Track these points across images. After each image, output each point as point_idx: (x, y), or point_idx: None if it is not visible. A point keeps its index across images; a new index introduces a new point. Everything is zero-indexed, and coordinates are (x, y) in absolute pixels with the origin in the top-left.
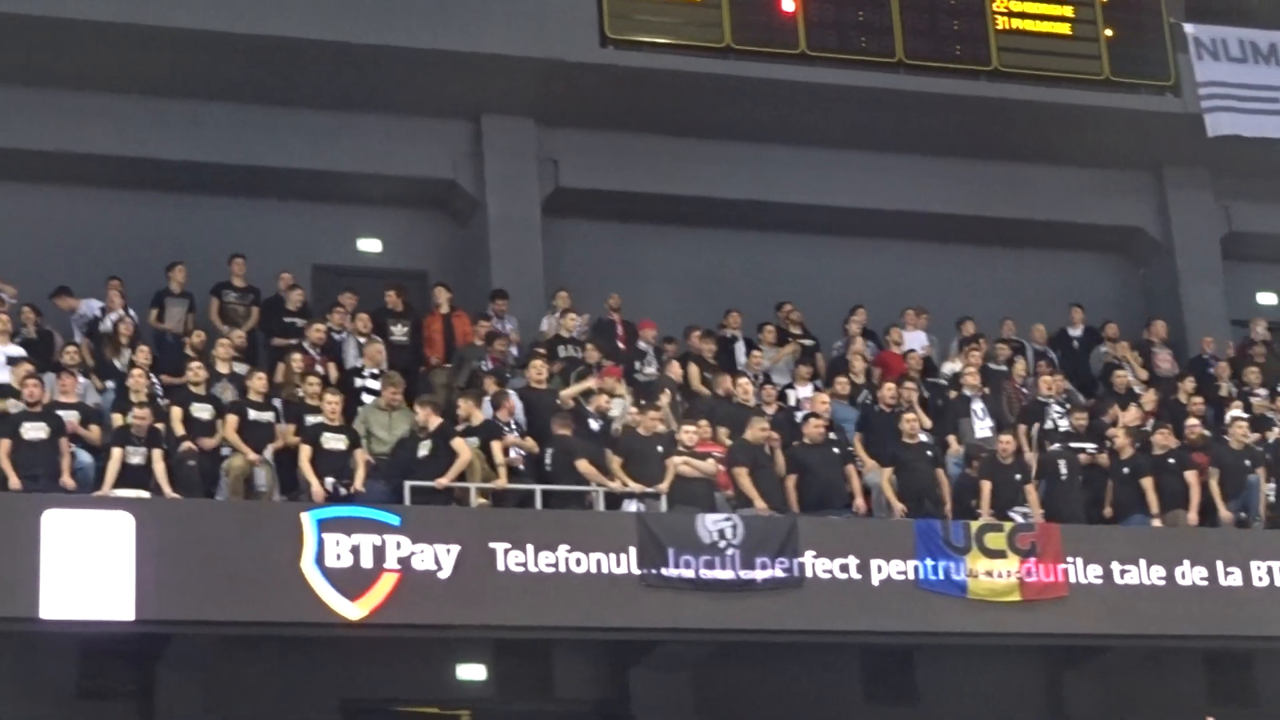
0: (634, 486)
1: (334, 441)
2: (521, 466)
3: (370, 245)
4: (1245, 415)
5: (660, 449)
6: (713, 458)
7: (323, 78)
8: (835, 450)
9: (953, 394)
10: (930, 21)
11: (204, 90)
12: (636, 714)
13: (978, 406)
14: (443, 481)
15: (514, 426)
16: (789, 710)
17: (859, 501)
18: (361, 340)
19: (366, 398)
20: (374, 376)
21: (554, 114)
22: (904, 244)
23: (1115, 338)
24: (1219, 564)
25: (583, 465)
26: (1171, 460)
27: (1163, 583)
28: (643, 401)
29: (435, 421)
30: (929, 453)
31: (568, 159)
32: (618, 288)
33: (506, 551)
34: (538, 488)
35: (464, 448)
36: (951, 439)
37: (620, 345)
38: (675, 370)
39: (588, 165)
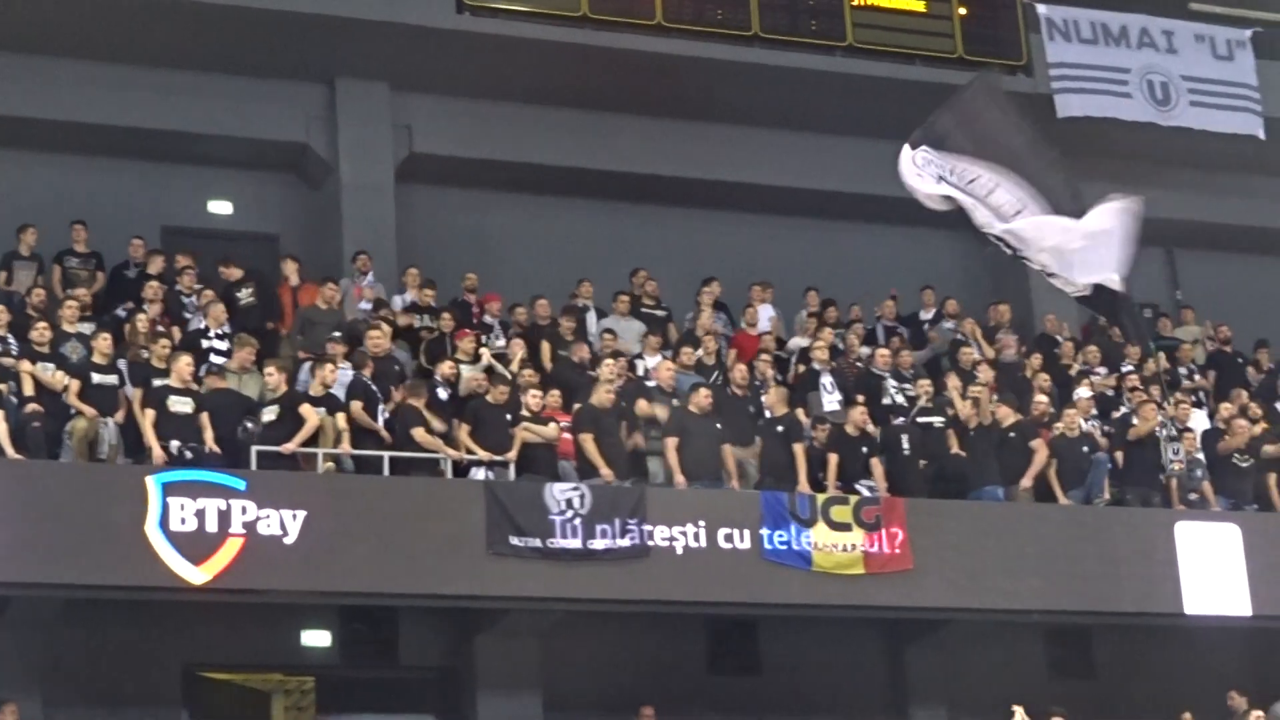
0: (481, 454)
1: (180, 404)
2: None
3: (221, 207)
4: (1088, 395)
5: (509, 417)
6: (555, 423)
7: (176, 36)
8: (718, 425)
9: (801, 368)
10: None
11: (54, 47)
12: (481, 682)
13: (826, 380)
14: (289, 447)
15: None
16: (634, 680)
17: (734, 482)
18: (205, 304)
19: (216, 359)
20: (220, 338)
21: (409, 79)
22: (757, 217)
23: (956, 314)
24: (1060, 539)
25: (418, 433)
26: (1013, 434)
27: (1004, 557)
28: (491, 374)
29: (284, 387)
30: (778, 428)
31: (422, 125)
32: (470, 255)
33: (353, 518)
34: (385, 454)
35: (311, 414)
36: (799, 412)
37: (476, 323)
38: (517, 346)
39: (442, 131)
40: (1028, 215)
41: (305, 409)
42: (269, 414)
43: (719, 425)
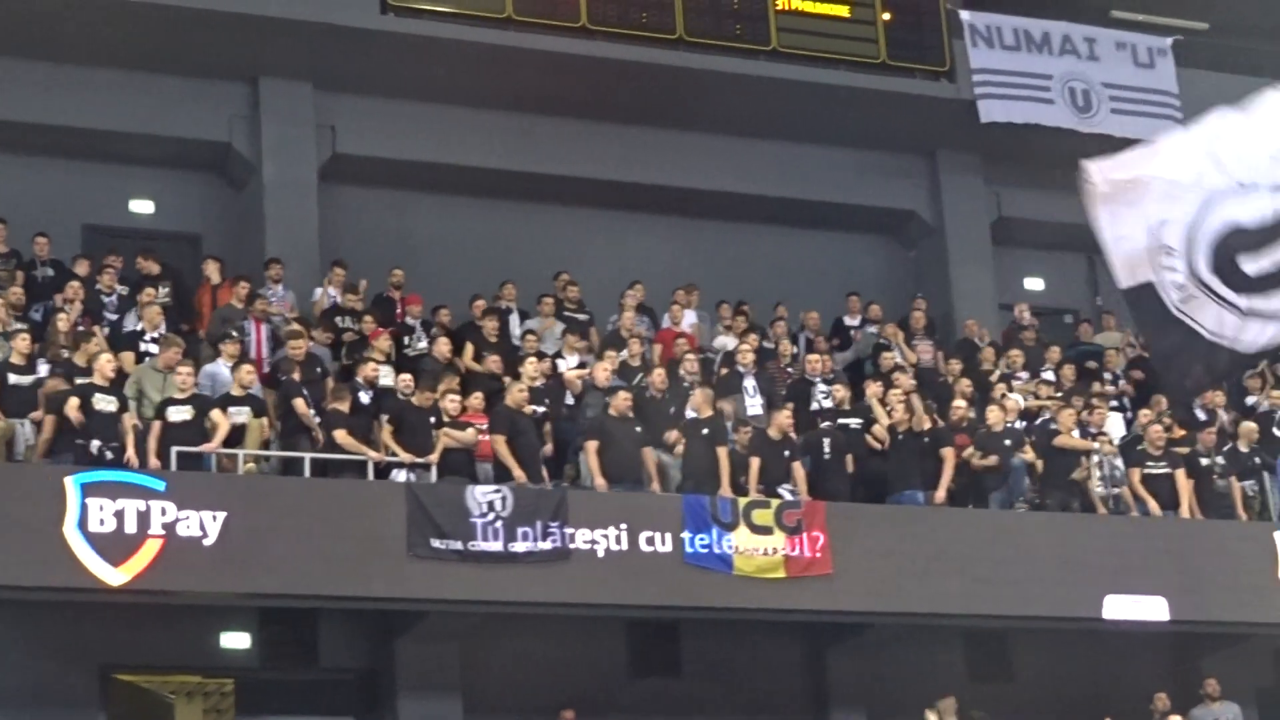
0: (403, 456)
1: (104, 403)
2: None
3: (143, 206)
4: (1016, 397)
5: (432, 420)
6: (474, 428)
7: (98, 34)
8: (638, 429)
9: (724, 371)
10: (712, 0)
11: None
12: (401, 684)
13: (749, 384)
14: (209, 448)
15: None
16: (555, 682)
17: (654, 485)
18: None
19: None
20: (154, 341)
21: (333, 79)
22: (682, 220)
23: (879, 319)
24: (980, 543)
25: (340, 435)
26: (927, 440)
27: (924, 561)
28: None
29: (193, 388)
30: (703, 430)
31: (345, 125)
32: (393, 255)
33: (273, 519)
34: (306, 455)
35: (220, 420)
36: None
37: (399, 321)
38: (442, 347)
39: (366, 132)
40: None
41: (214, 414)
42: (182, 414)
43: (639, 429)
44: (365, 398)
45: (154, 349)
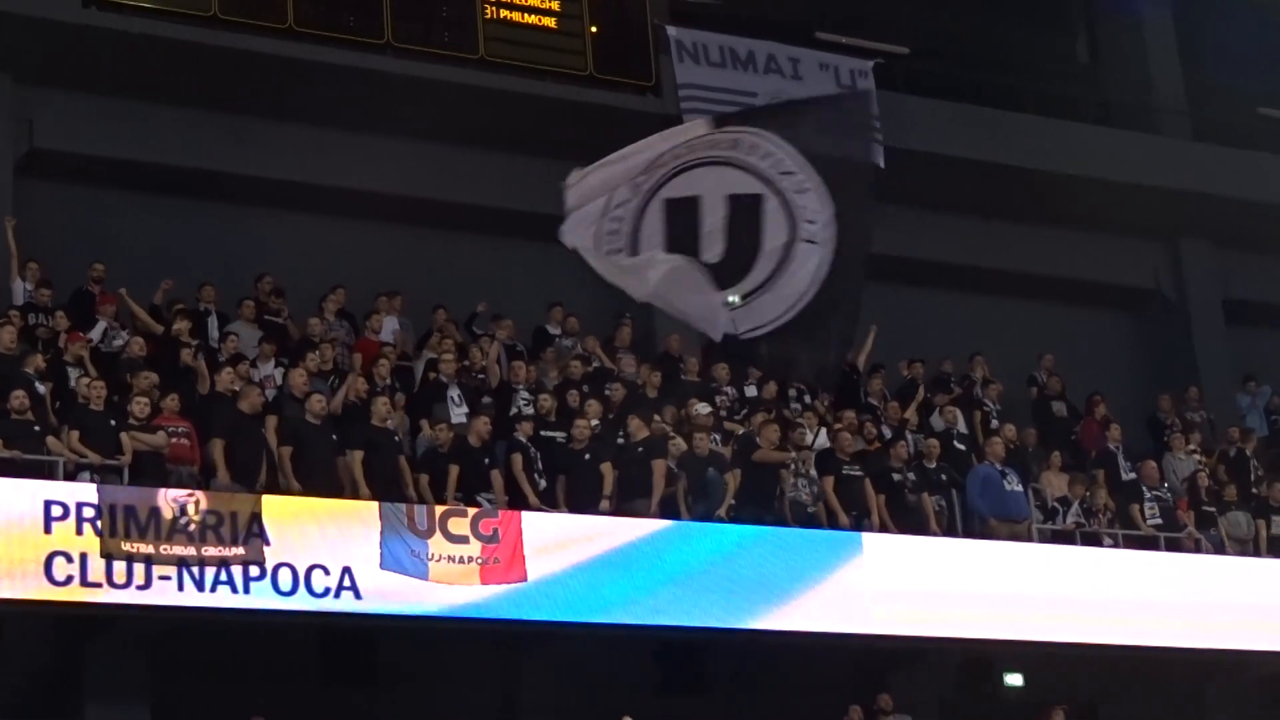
0: (92, 458)
1: None
2: None
3: None
4: (707, 410)
5: (113, 422)
6: (164, 431)
7: None
8: (334, 435)
9: (432, 376)
10: (420, 5)
11: None
12: (88, 689)
13: (454, 392)
14: None
15: None
16: (246, 690)
17: (363, 489)
18: None
19: None
20: None
21: (32, 72)
22: (386, 226)
23: (576, 331)
24: (677, 554)
25: None
26: (640, 449)
27: (621, 571)
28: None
29: None
30: (397, 438)
31: (45, 119)
32: (92, 254)
33: None
34: None
35: None
36: (424, 423)
37: (98, 316)
38: (136, 346)
39: (65, 127)
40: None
41: None
42: None
43: (334, 435)
44: (40, 389)
45: None
